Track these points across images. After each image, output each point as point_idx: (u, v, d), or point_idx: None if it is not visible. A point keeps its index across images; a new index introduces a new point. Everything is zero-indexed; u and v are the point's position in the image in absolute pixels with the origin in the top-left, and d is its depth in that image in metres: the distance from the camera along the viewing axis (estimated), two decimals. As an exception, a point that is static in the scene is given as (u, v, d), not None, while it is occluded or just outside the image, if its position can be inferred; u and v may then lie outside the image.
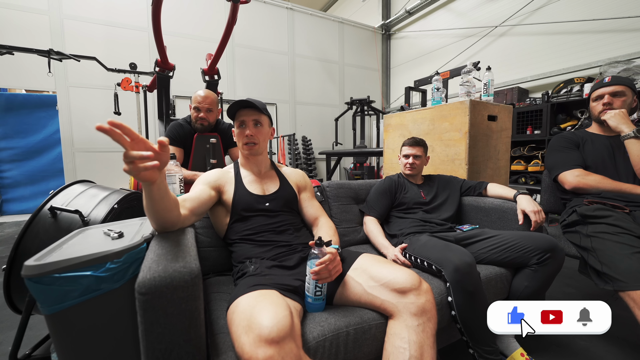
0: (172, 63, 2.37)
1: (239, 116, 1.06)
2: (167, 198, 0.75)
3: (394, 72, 6.26)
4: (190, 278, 0.61)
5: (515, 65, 3.99)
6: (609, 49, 3.12)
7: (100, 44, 3.84)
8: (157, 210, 0.75)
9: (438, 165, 1.85)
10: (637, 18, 2.90)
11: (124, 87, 3.08)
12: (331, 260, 0.80)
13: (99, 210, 1.19)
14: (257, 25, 4.91)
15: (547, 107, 3.20)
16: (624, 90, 1.31)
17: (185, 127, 1.73)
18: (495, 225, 1.39)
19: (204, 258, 1.11)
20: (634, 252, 0.98)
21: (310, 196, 1.22)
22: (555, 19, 3.52)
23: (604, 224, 1.11)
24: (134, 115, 3.32)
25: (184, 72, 4.05)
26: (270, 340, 0.57)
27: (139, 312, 0.58)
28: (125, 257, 0.72)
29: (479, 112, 1.71)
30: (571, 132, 1.46)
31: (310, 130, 5.50)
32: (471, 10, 4.56)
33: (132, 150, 0.61)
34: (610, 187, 1.24)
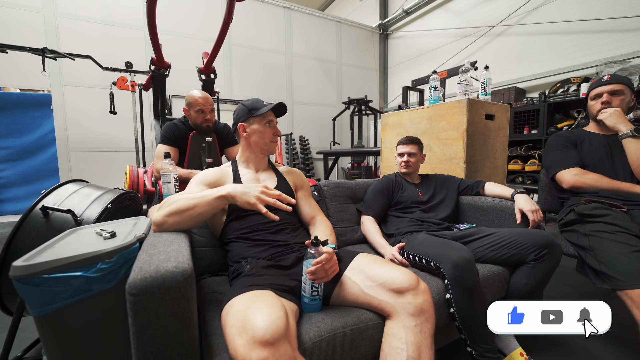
0: (167, 61, 2.35)
1: (268, 115, 1.10)
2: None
3: (391, 71, 6.25)
4: (182, 278, 0.59)
5: (512, 65, 3.99)
6: (606, 49, 3.13)
7: (96, 42, 3.80)
8: (202, 219, 0.86)
9: (436, 164, 1.84)
10: (633, 18, 2.91)
11: (120, 86, 3.05)
12: (327, 259, 0.79)
13: (92, 210, 1.17)
14: (254, 24, 4.88)
15: (544, 107, 3.21)
16: (623, 89, 1.30)
17: (180, 127, 1.71)
18: (493, 224, 1.38)
19: (199, 258, 1.10)
20: (632, 250, 0.98)
21: (307, 195, 1.21)
22: (552, 19, 3.53)
23: (601, 222, 1.11)
24: (129, 114, 3.29)
25: (180, 70, 4.01)
26: (264, 342, 0.56)
27: (130, 313, 0.57)
28: (117, 257, 0.71)
29: (476, 111, 1.70)
30: (569, 131, 1.46)
31: (307, 130, 5.49)
32: (468, 10, 4.56)
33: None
34: (608, 186, 1.24)
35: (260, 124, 1.09)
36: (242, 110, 1.10)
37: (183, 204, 0.83)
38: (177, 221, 0.83)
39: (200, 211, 0.83)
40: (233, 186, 0.84)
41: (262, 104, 1.10)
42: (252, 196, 0.80)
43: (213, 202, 0.84)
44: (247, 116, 1.09)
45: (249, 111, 1.08)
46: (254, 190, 0.81)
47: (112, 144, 3.95)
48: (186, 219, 0.84)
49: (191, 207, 0.83)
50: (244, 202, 0.81)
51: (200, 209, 0.83)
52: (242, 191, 0.82)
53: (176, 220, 0.83)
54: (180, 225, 0.84)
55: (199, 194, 0.86)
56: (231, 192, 0.83)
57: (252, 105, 1.09)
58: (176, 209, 0.83)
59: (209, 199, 0.84)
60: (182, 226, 0.85)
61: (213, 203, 0.84)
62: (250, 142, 1.11)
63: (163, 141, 1.67)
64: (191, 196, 0.85)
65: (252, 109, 1.08)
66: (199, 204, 0.83)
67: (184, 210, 0.83)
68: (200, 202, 0.83)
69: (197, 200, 0.83)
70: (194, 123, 1.70)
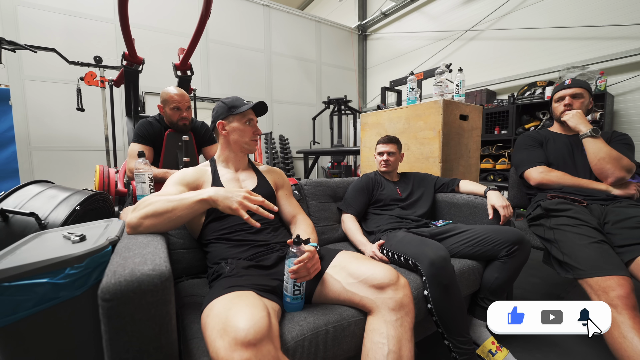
0: (141, 57, 2.25)
1: (248, 114, 1.08)
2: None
3: (370, 72, 6.35)
4: (160, 282, 0.57)
5: (484, 68, 4.18)
6: (567, 55, 3.35)
7: (61, 34, 3.57)
8: (181, 222, 0.83)
9: (413, 163, 1.89)
10: (590, 27, 3.14)
11: (88, 81, 2.88)
12: (309, 258, 0.79)
13: (58, 213, 1.10)
14: (232, 21, 4.79)
15: (513, 109, 3.38)
16: (582, 93, 1.40)
17: (155, 125, 1.65)
18: (468, 220, 1.44)
19: (176, 260, 1.06)
20: (591, 242, 1.05)
21: (288, 194, 1.20)
22: (520, 25, 3.73)
23: (564, 216, 1.19)
24: (99, 111, 3.11)
25: (155, 66, 3.86)
26: (246, 343, 0.55)
27: (103, 320, 0.54)
28: (88, 261, 0.67)
29: (451, 112, 1.77)
30: (535, 131, 1.55)
31: (287, 129, 5.45)
32: (443, 14, 4.72)
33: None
34: (570, 182, 1.33)
35: (240, 122, 1.07)
36: (222, 108, 1.07)
37: (161, 207, 0.79)
38: (153, 224, 0.79)
39: (179, 214, 0.80)
40: (215, 190, 0.81)
41: (242, 102, 1.09)
42: (234, 201, 0.78)
43: (193, 206, 0.80)
44: (226, 114, 1.06)
45: (228, 109, 1.06)
46: (236, 195, 0.79)
47: (79, 142, 3.72)
48: (164, 222, 0.80)
49: (170, 210, 0.79)
50: (226, 206, 0.78)
51: (180, 212, 0.80)
52: (224, 195, 0.79)
53: (153, 223, 0.79)
54: (156, 228, 0.80)
55: (178, 197, 0.81)
56: (213, 196, 0.79)
57: (232, 103, 1.07)
58: (153, 212, 0.79)
59: (188, 202, 0.80)
60: (158, 229, 0.81)
61: (193, 207, 0.80)
62: (229, 141, 1.09)
63: (136, 140, 1.60)
64: (170, 198, 0.81)
65: (232, 106, 1.07)
66: (178, 207, 0.79)
67: (162, 213, 0.79)
68: (180, 205, 0.80)
69: (176, 203, 0.80)
70: (169, 121, 1.64)
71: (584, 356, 1.18)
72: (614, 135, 1.38)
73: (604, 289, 0.94)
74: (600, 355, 1.17)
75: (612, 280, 0.94)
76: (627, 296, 0.91)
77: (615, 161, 1.24)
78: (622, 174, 1.23)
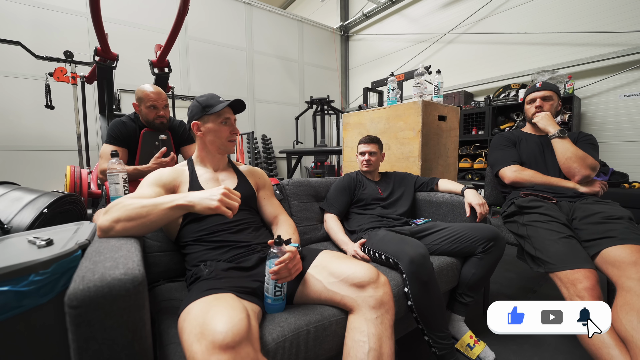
0: (115, 53, 2.16)
1: (225, 113, 1.03)
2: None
3: (352, 72, 6.40)
4: (132, 286, 0.55)
5: (462, 70, 4.31)
6: (539, 60, 3.52)
7: (27, 27, 3.36)
8: (155, 227, 0.78)
9: (394, 162, 1.93)
10: (559, 34, 3.31)
11: (58, 77, 2.73)
12: (291, 258, 0.78)
13: (23, 216, 1.04)
14: (212, 18, 4.69)
15: (489, 110, 3.51)
16: (552, 95, 1.48)
17: (130, 124, 1.58)
18: (446, 217, 1.48)
19: (153, 264, 1.03)
20: (560, 237, 1.11)
21: (270, 194, 1.19)
22: (495, 30, 3.88)
23: (536, 213, 1.24)
24: (70, 109, 2.97)
25: (131, 63, 3.72)
26: (224, 346, 0.54)
27: (70, 328, 0.51)
28: (55, 267, 0.64)
29: (430, 112, 1.81)
30: (509, 132, 1.62)
31: (270, 128, 5.41)
32: (423, 17, 4.83)
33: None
34: (541, 180, 1.39)
35: (216, 122, 1.03)
36: (196, 108, 1.03)
37: (133, 211, 0.75)
38: (125, 228, 0.75)
39: (153, 220, 0.75)
40: (192, 194, 0.78)
41: (217, 101, 1.03)
42: (213, 200, 0.74)
43: (168, 212, 0.76)
44: (201, 114, 1.02)
45: (202, 108, 1.02)
46: (214, 193, 0.76)
47: (49, 142, 3.53)
48: (137, 227, 0.75)
49: (143, 215, 0.75)
50: (204, 208, 0.75)
51: (154, 217, 0.75)
52: (201, 197, 0.76)
53: (125, 227, 0.75)
54: (129, 232, 0.76)
55: (152, 201, 0.77)
56: (190, 201, 0.76)
57: (206, 102, 1.02)
58: (126, 216, 0.74)
59: (163, 208, 0.75)
60: (131, 234, 0.76)
61: (168, 213, 0.76)
62: (205, 142, 1.05)
63: (109, 141, 1.53)
64: (144, 203, 0.76)
65: (206, 106, 1.02)
66: (151, 213, 0.75)
67: (135, 217, 0.75)
68: (154, 210, 0.75)
69: (149, 208, 0.75)
70: (145, 120, 1.59)
71: (555, 346, 1.24)
72: (580, 136, 1.45)
73: (572, 281, 0.99)
74: (570, 344, 1.24)
75: (580, 273, 0.99)
76: (592, 287, 0.96)
77: (581, 160, 1.31)
78: (587, 172, 1.31)
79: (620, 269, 0.97)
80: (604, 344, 0.87)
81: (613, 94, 3.01)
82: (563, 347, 1.23)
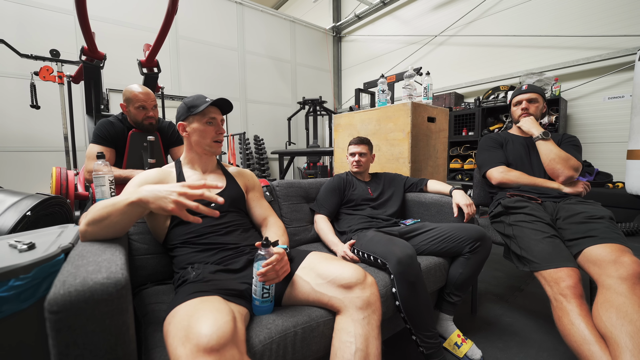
0: (102, 52, 2.13)
1: (209, 113, 1.02)
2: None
3: (345, 73, 6.43)
4: (115, 290, 0.54)
5: (452, 72, 4.37)
6: (527, 62, 3.59)
7: (11, 25, 3.29)
8: (122, 228, 0.76)
9: (384, 163, 1.94)
10: (546, 37, 3.38)
11: (44, 76, 2.67)
12: (278, 260, 0.79)
13: (5, 219, 1.02)
14: (203, 17, 4.65)
15: (479, 111, 3.57)
16: (537, 98, 1.51)
17: (117, 125, 1.56)
18: (435, 218, 1.50)
19: (140, 267, 1.01)
20: (545, 237, 1.13)
21: (259, 196, 1.19)
22: (485, 32, 3.94)
23: (522, 213, 1.27)
24: (56, 109, 2.91)
25: (119, 63, 3.67)
26: (209, 349, 0.54)
27: (51, 333, 0.51)
28: (36, 271, 0.63)
29: (419, 114, 1.83)
30: (496, 133, 1.64)
31: (262, 129, 5.39)
32: (414, 19, 4.88)
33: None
34: (527, 181, 1.42)
35: (200, 122, 1.02)
36: (182, 109, 1.03)
37: (97, 213, 0.72)
38: (94, 232, 0.73)
39: (115, 220, 0.72)
40: (146, 189, 0.72)
41: (203, 101, 1.02)
42: (168, 201, 0.68)
43: (126, 210, 0.71)
44: (186, 114, 1.02)
45: (188, 109, 1.02)
46: (170, 192, 0.69)
47: (34, 142, 3.46)
48: (103, 229, 0.73)
49: (105, 216, 0.72)
50: (159, 207, 0.69)
51: (115, 218, 0.72)
52: (156, 195, 0.69)
53: (94, 230, 0.73)
54: (99, 235, 0.74)
55: (112, 201, 0.73)
56: (143, 197, 0.70)
57: (191, 102, 1.02)
58: (92, 219, 0.72)
59: (120, 206, 0.71)
60: (101, 237, 0.75)
61: (126, 211, 0.71)
62: (191, 143, 1.05)
63: (96, 140, 1.51)
64: (105, 203, 0.73)
65: (192, 106, 1.01)
66: (112, 213, 0.72)
67: (99, 220, 0.72)
68: (114, 210, 0.72)
69: (110, 209, 0.72)
70: (133, 120, 1.57)
71: (540, 343, 1.27)
72: (564, 138, 1.49)
73: (556, 280, 1.02)
74: (554, 341, 1.27)
75: (563, 272, 1.02)
76: (575, 286, 0.98)
77: (565, 161, 1.34)
78: (570, 173, 1.34)
79: (600, 268, 1.00)
80: (585, 340, 0.89)
81: (597, 96, 3.09)
82: (547, 345, 1.26)
